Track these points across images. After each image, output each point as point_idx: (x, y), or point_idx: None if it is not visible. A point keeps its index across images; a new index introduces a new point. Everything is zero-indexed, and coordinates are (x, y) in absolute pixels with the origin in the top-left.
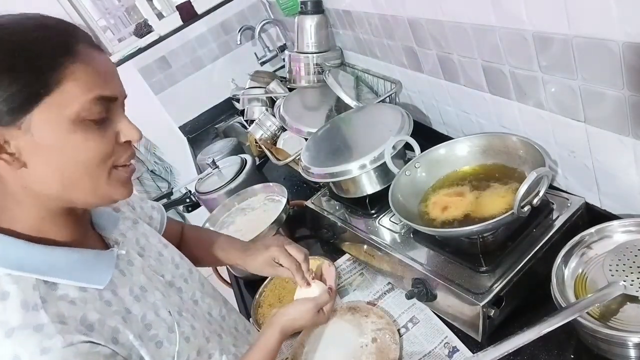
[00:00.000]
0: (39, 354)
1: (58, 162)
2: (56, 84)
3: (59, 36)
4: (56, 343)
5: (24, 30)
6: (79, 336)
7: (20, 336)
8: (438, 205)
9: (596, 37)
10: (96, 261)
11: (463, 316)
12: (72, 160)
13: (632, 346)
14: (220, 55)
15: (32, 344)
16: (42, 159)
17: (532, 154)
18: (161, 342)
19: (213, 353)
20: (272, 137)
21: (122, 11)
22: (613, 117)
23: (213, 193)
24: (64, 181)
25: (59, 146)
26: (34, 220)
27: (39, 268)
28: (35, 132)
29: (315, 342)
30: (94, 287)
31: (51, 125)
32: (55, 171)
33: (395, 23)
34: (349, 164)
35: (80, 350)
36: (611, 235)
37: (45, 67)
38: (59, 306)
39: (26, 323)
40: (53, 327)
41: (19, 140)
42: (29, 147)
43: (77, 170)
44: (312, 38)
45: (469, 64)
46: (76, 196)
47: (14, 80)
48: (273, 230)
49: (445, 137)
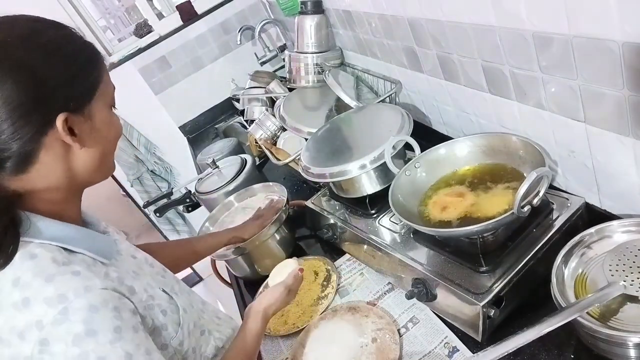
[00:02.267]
0: (83, 291)
1: (104, 141)
2: (101, 77)
3: (90, 43)
4: (96, 283)
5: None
6: (110, 282)
7: (62, 279)
8: (438, 205)
9: (596, 37)
10: (99, 240)
11: (463, 316)
12: (113, 137)
13: (632, 346)
14: (220, 55)
15: (76, 284)
16: (94, 140)
17: (532, 154)
18: (166, 311)
19: (204, 330)
20: (272, 137)
21: (122, 11)
22: (613, 117)
23: (213, 193)
24: (100, 159)
25: (106, 126)
26: (56, 202)
27: (58, 238)
28: (94, 117)
29: (315, 342)
30: (102, 259)
31: (102, 111)
32: (100, 150)
33: (395, 23)
34: (349, 164)
35: (113, 295)
36: (611, 235)
37: (97, 66)
38: (83, 265)
39: (64, 270)
40: (88, 272)
41: (82, 125)
42: (88, 131)
43: (111, 147)
44: (312, 38)
45: (469, 64)
46: (99, 174)
47: (86, 76)
48: (273, 229)
49: (445, 137)
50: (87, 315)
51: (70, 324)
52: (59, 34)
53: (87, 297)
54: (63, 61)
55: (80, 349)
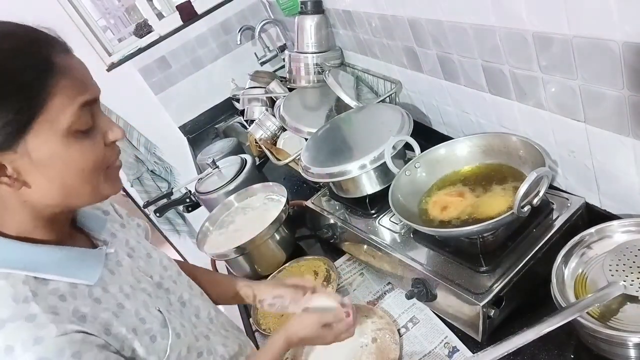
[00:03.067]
0: (32, 344)
1: (58, 176)
2: (43, 103)
3: (37, 53)
4: (50, 332)
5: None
6: (72, 326)
7: (12, 327)
8: (438, 205)
9: (596, 37)
10: (84, 258)
11: (463, 316)
12: (72, 171)
13: (632, 346)
14: (220, 55)
15: (25, 334)
16: (42, 175)
17: (532, 154)
18: (155, 337)
19: (202, 352)
20: (272, 137)
21: (122, 11)
22: (613, 117)
23: (213, 193)
24: (65, 192)
25: (57, 161)
26: (25, 225)
27: (28, 265)
28: (33, 153)
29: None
30: (84, 282)
31: (46, 143)
32: (56, 184)
33: (395, 23)
34: (349, 164)
35: (74, 339)
36: (611, 235)
37: (31, 91)
38: (49, 299)
39: (17, 314)
40: (45, 317)
41: (16, 162)
42: (27, 168)
43: (77, 179)
44: (312, 38)
45: (469, 64)
46: (76, 201)
47: (5, 111)
48: (272, 229)
49: (445, 137)
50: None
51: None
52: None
53: (35, 350)
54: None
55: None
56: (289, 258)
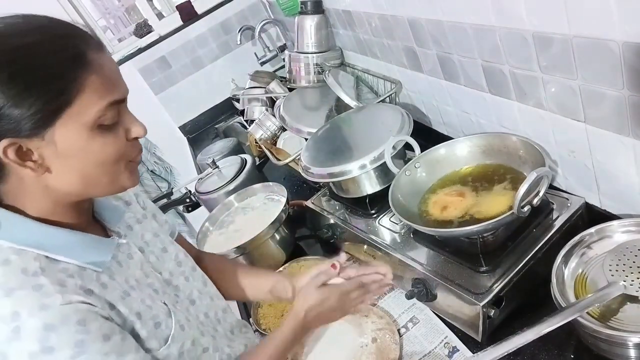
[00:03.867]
0: (37, 310)
1: (80, 166)
2: (74, 96)
3: (73, 48)
4: (55, 300)
5: (39, 46)
6: (77, 297)
7: (19, 294)
8: (438, 205)
9: (596, 37)
10: (96, 245)
11: (463, 316)
12: (93, 163)
13: (632, 346)
14: (220, 55)
15: (32, 301)
16: (65, 164)
17: (532, 154)
18: (160, 324)
19: (208, 348)
20: (272, 137)
21: (122, 11)
22: (613, 117)
23: (213, 193)
24: (85, 181)
25: (80, 152)
26: (45, 209)
27: (41, 244)
28: (58, 142)
29: (315, 342)
30: (92, 268)
31: (72, 135)
32: (77, 174)
33: (395, 23)
34: (349, 164)
35: (79, 308)
36: (611, 235)
37: (63, 83)
38: (58, 276)
39: (26, 284)
40: (52, 287)
41: (42, 149)
42: (52, 155)
43: (97, 170)
44: (312, 38)
45: (469, 64)
46: (94, 191)
47: (37, 98)
48: (272, 229)
49: (445, 137)
50: (41, 335)
51: (23, 343)
52: (18, 43)
53: (41, 317)
54: (7, 80)
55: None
56: (289, 258)
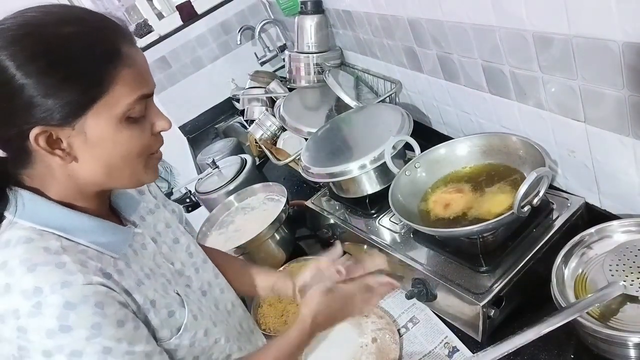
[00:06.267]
0: (59, 287)
1: (106, 157)
2: (107, 88)
3: (109, 41)
4: (77, 279)
5: (77, 37)
6: (97, 278)
7: (42, 270)
8: (438, 205)
9: (596, 37)
10: (114, 232)
11: (463, 316)
12: (119, 154)
13: (632, 346)
14: (220, 55)
15: (55, 277)
16: (92, 154)
17: (532, 154)
18: (174, 312)
19: (219, 338)
20: (272, 137)
21: (122, 11)
22: (613, 117)
23: (213, 193)
24: (108, 172)
25: (107, 143)
26: (67, 196)
27: (63, 227)
28: (88, 132)
29: (315, 342)
30: (110, 254)
31: (102, 126)
32: (102, 164)
33: (395, 23)
34: (349, 164)
35: (98, 290)
36: (611, 235)
37: (98, 75)
38: (79, 256)
39: (49, 261)
40: (74, 266)
41: (71, 138)
42: (80, 145)
43: (121, 162)
44: (312, 38)
45: (469, 64)
46: (116, 183)
47: (73, 89)
48: (272, 229)
49: (445, 137)
50: (61, 312)
51: (43, 319)
52: (57, 33)
53: (62, 294)
54: (44, 69)
55: (54, 342)
56: (289, 258)
